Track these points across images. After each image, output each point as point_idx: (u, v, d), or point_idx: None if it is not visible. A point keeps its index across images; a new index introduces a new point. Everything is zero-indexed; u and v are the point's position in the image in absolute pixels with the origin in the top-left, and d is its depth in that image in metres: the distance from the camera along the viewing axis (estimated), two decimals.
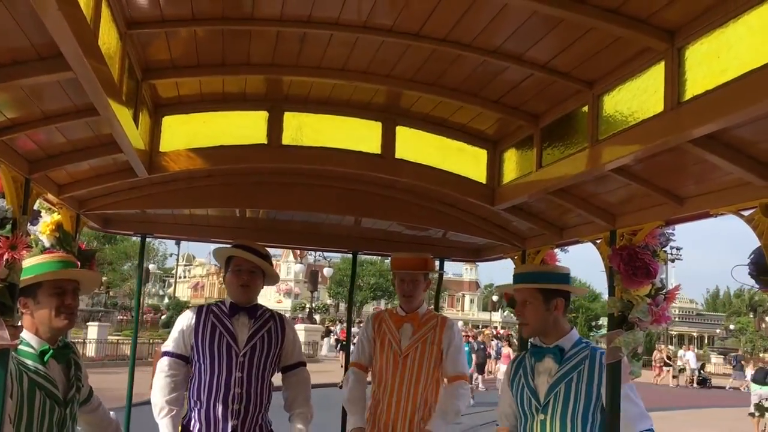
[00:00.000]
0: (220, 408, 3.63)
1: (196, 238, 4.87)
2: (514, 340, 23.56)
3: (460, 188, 3.63)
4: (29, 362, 2.83)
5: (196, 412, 3.69)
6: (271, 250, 4.29)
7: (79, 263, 3.33)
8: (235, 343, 3.74)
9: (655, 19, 2.17)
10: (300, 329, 27.31)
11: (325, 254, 46.35)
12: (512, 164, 3.47)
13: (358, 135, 3.51)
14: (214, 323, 3.77)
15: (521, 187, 3.32)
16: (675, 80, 2.18)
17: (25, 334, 2.88)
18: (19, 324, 2.69)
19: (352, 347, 4.62)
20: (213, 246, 4.69)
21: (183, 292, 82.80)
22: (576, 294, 3.43)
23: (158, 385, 3.72)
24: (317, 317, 43.80)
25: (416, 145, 3.58)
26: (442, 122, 3.52)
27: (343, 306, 59.83)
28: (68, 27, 1.65)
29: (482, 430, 12.92)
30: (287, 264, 69.54)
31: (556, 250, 4.10)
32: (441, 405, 4.03)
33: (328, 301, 64.66)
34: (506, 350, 21.78)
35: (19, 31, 1.90)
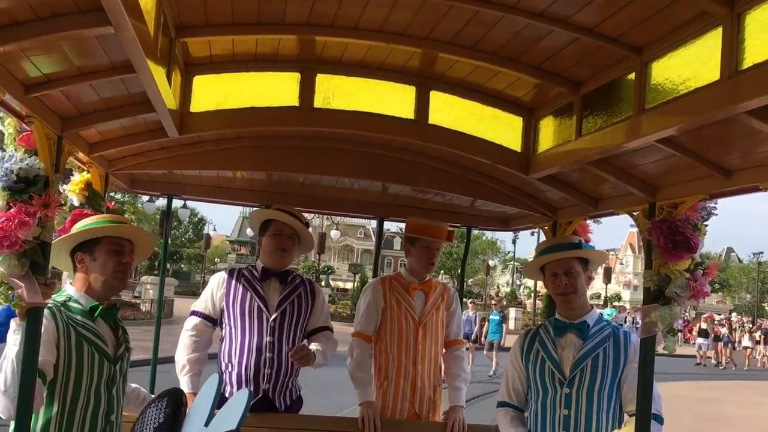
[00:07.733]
0: (252, 371, 3.66)
1: (223, 201, 4.83)
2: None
3: (493, 156, 3.54)
4: (78, 317, 2.85)
5: (228, 374, 3.72)
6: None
7: None
8: (265, 308, 3.74)
9: None
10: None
11: None
12: (549, 132, 3.38)
13: (392, 99, 3.42)
14: (245, 287, 3.78)
15: (558, 156, 3.24)
16: (733, 47, 2.08)
17: (74, 293, 2.92)
18: (55, 282, 2.68)
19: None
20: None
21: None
22: (591, 269, 3.41)
23: (183, 344, 3.79)
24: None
25: (450, 111, 3.49)
26: (478, 88, 3.42)
27: None
28: None
29: None
30: (627, 257, 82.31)
31: (589, 221, 4.03)
32: (457, 373, 4.05)
33: None
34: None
35: None
